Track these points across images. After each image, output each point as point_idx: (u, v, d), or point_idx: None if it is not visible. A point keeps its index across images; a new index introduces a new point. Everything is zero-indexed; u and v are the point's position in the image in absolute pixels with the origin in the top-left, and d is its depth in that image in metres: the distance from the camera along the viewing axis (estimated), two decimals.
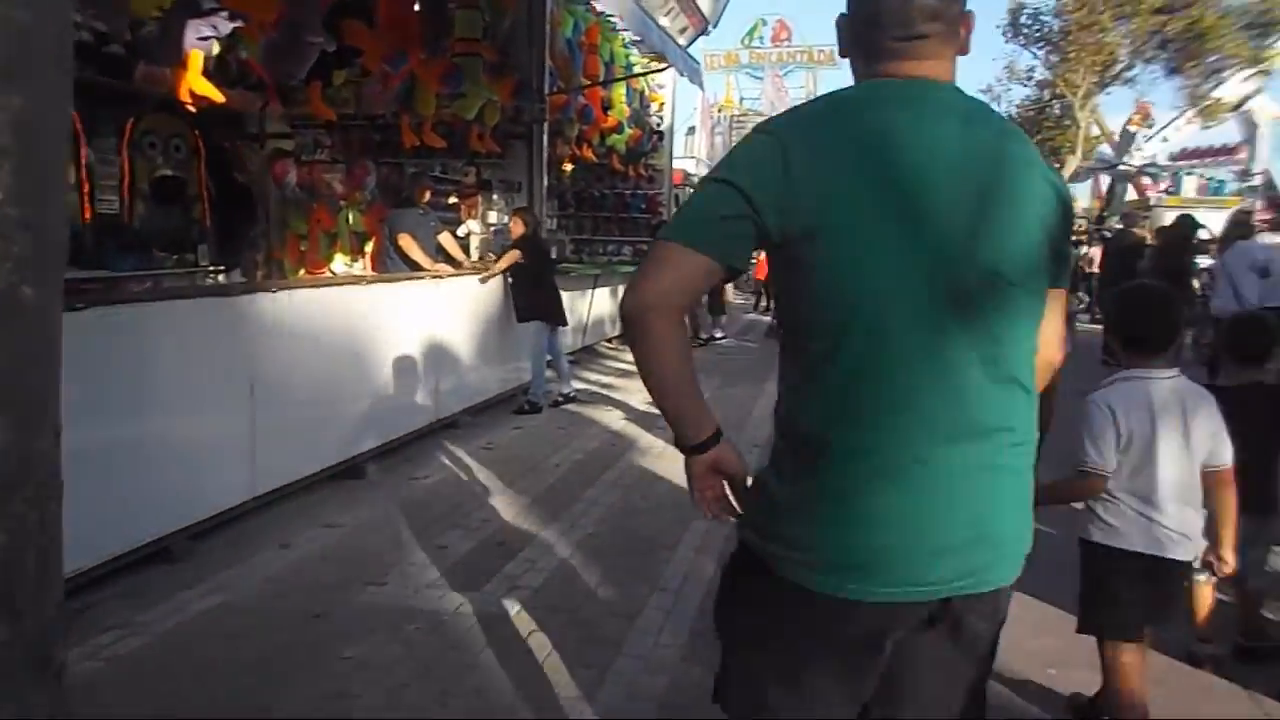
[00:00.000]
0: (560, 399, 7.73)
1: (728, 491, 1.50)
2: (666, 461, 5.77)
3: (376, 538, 4.45)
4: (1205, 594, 3.00)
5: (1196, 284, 10.63)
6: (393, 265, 7.14)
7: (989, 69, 42.54)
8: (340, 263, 9.19)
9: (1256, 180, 25.62)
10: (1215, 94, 27.10)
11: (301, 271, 9.21)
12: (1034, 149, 1.44)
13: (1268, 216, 11.41)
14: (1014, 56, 30.90)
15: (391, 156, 9.54)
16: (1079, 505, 2.51)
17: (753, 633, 1.49)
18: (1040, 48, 29.27)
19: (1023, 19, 29.13)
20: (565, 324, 7.91)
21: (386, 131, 9.33)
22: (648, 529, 4.63)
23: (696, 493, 1.50)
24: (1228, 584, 2.98)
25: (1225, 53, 26.06)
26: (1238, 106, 28.00)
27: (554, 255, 9.32)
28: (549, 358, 7.65)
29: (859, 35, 1.44)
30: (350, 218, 9.13)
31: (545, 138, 9.35)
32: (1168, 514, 2.40)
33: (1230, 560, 2.46)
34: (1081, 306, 13.87)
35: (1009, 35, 29.74)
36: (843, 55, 1.49)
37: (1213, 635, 3.03)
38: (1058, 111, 30.32)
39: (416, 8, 7.51)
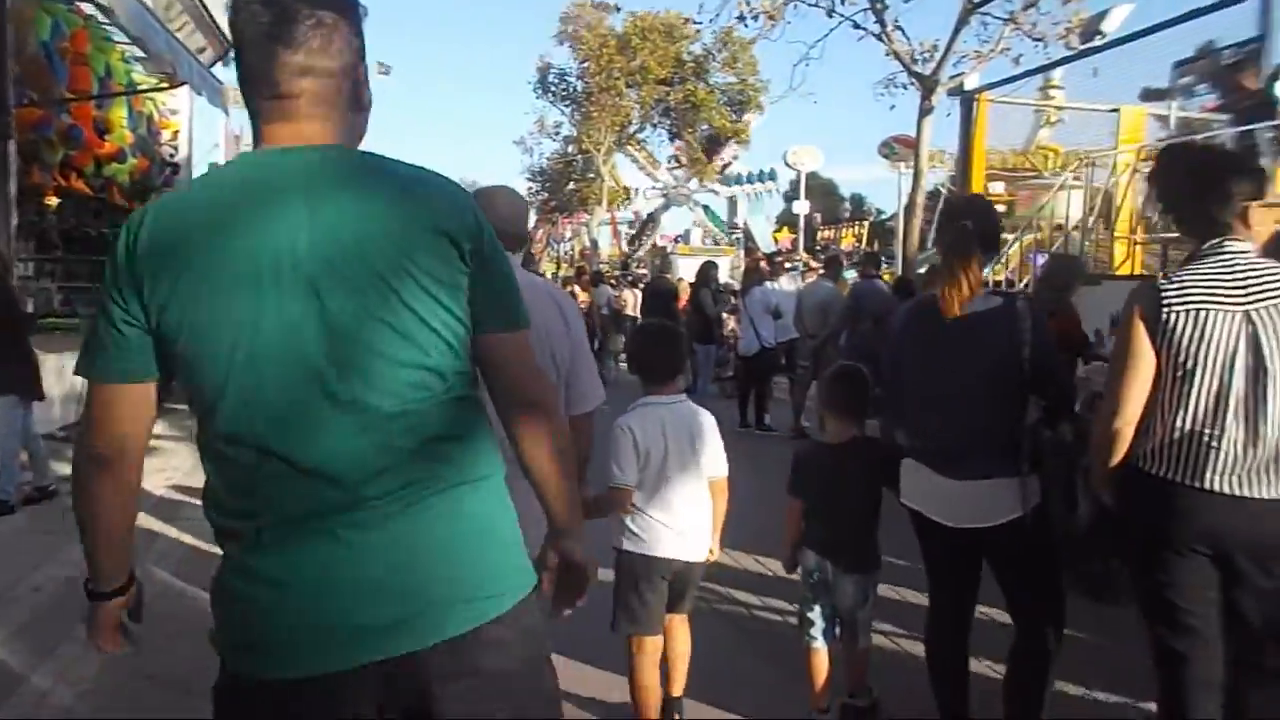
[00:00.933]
0: (37, 494, 6.05)
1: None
2: (196, 568, 4.58)
3: None
4: (821, 661, 2.93)
5: (732, 323, 11.84)
6: None
7: (523, 122, 45.27)
8: None
9: (739, 235, 30.42)
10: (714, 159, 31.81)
11: None
12: (441, 200, 1.36)
13: (754, 265, 13.23)
14: (544, 112, 32.87)
15: None
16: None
17: None
18: (567, 106, 31.67)
19: (550, 78, 31.34)
20: (43, 397, 6.20)
21: None
22: (173, 667, 3.52)
23: (97, 637, 1.53)
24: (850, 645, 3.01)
25: (713, 124, 30.60)
26: (723, 170, 33.19)
27: (30, 309, 7.60)
28: (22, 441, 5.98)
29: (244, 96, 1.38)
30: None
31: (14, 162, 7.68)
32: (682, 520, 2.79)
33: (717, 551, 2.97)
34: (621, 347, 14.81)
35: (539, 92, 31.78)
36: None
37: (828, 704, 2.97)
38: (582, 165, 32.94)
39: None
